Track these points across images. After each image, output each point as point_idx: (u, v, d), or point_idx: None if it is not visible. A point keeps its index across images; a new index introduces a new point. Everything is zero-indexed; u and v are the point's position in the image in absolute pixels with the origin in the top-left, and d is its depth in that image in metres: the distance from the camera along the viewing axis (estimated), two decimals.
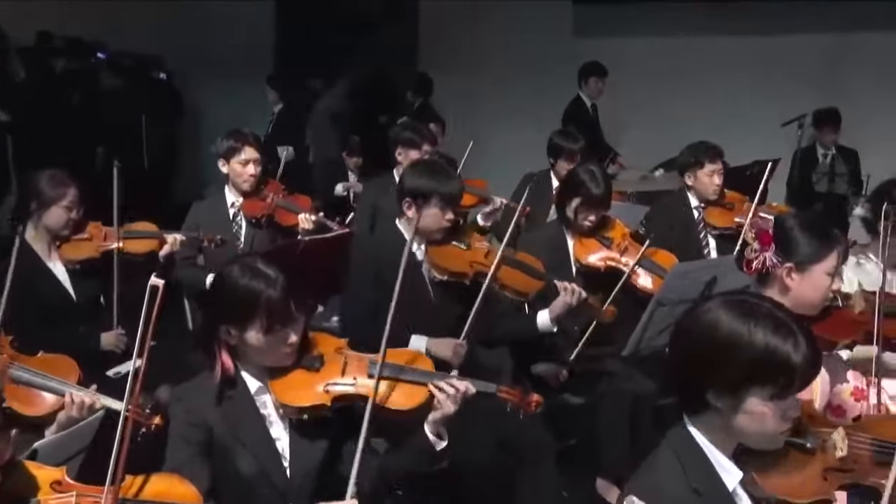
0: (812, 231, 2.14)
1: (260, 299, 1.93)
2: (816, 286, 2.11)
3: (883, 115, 6.70)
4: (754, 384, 1.49)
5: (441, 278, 2.92)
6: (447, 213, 2.88)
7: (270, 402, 2.03)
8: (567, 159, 4.56)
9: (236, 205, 3.75)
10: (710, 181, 4.09)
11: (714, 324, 1.53)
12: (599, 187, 3.33)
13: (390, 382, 2.05)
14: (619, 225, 3.50)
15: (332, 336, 2.14)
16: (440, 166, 3.02)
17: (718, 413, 1.54)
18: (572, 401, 3.28)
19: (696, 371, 1.54)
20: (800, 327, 1.54)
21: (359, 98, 7.52)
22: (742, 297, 1.62)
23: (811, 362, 1.51)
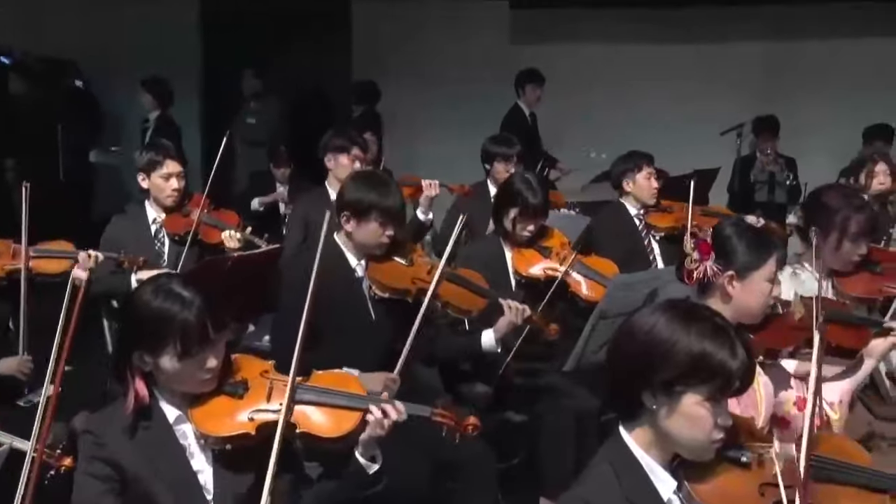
0: (750, 238, 2.20)
1: (173, 322, 1.88)
2: (757, 293, 2.18)
3: (821, 122, 6.97)
4: (690, 384, 1.57)
5: (382, 295, 2.90)
6: (387, 228, 2.87)
7: (191, 432, 1.97)
8: (503, 162, 4.59)
9: (158, 221, 3.67)
10: (648, 184, 4.24)
11: (653, 326, 1.61)
12: (537, 196, 3.36)
13: (318, 408, 2.02)
14: (557, 234, 3.55)
15: (257, 359, 2.10)
16: (381, 179, 3.00)
17: (653, 418, 1.61)
18: (514, 418, 3.29)
19: (634, 372, 1.61)
20: (737, 334, 1.62)
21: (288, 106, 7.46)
22: (681, 302, 1.70)
23: (746, 370, 1.59)
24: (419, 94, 7.48)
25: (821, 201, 2.94)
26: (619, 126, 7.02)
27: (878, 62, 6.98)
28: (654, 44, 7.26)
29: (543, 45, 7.34)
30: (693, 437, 1.60)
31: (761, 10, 7.10)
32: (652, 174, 4.26)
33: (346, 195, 2.91)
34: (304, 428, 1.98)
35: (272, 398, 1.99)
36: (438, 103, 7.50)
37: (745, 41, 7.22)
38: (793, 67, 7.19)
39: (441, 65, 7.50)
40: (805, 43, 7.14)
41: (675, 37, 7.23)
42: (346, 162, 4.24)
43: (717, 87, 7.16)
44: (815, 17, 7.03)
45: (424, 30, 7.57)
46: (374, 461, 2.04)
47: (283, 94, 7.44)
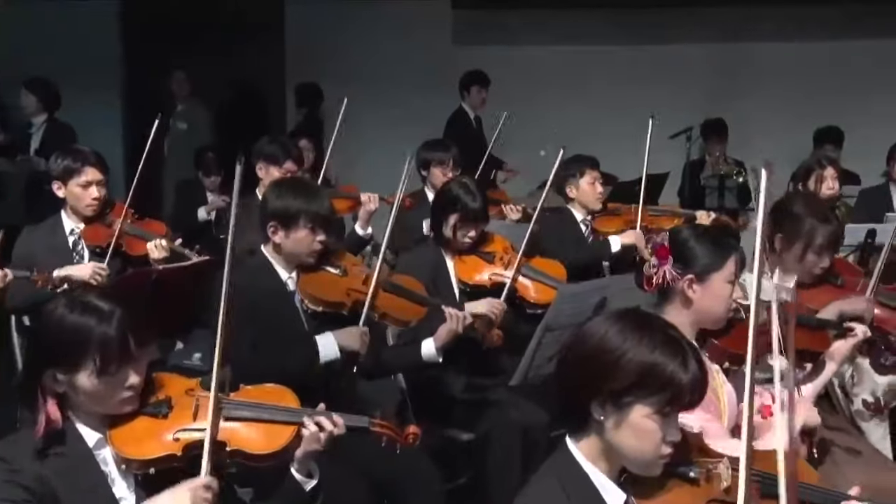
0: (707, 240, 2.26)
1: (91, 337, 1.84)
2: (718, 295, 2.23)
3: (771, 125, 7.17)
4: (640, 396, 1.59)
5: (315, 309, 2.88)
6: (318, 234, 2.85)
7: (111, 457, 1.93)
8: (439, 166, 4.62)
9: (76, 232, 3.59)
10: (593, 189, 4.31)
11: (603, 335, 1.64)
12: (476, 201, 3.39)
13: (249, 423, 2.00)
14: (498, 238, 3.58)
15: (180, 377, 2.06)
16: (305, 183, 3.01)
17: (601, 429, 1.63)
18: (460, 436, 3.30)
19: (583, 381, 1.64)
20: (690, 347, 1.65)
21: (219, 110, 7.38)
22: (633, 312, 1.73)
23: (697, 384, 1.62)
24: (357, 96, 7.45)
25: (787, 209, 3.00)
26: (566, 129, 7.08)
27: (829, 64, 7.21)
28: (602, 45, 7.38)
29: (487, 46, 7.40)
30: (640, 451, 1.63)
31: (710, 11, 7.27)
32: (596, 178, 4.32)
33: (270, 205, 2.87)
34: (235, 445, 1.96)
35: (199, 417, 1.96)
36: (378, 106, 7.50)
37: (693, 43, 7.39)
38: (742, 69, 7.38)
39: (380, 66, 7.50)
40: (755, 45, 7.34)
41: (623, 38, 7.36)
42: (277, 174, 4.19)
43: (665, 89, 7.30)
44: (764, 18, 7.23)
45: (362, 30, 7.57)
46: (310, 477, 2.03)
47: (213, 98, 7.35)
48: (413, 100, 7.35)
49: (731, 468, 1.71)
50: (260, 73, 7.76)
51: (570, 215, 4.37)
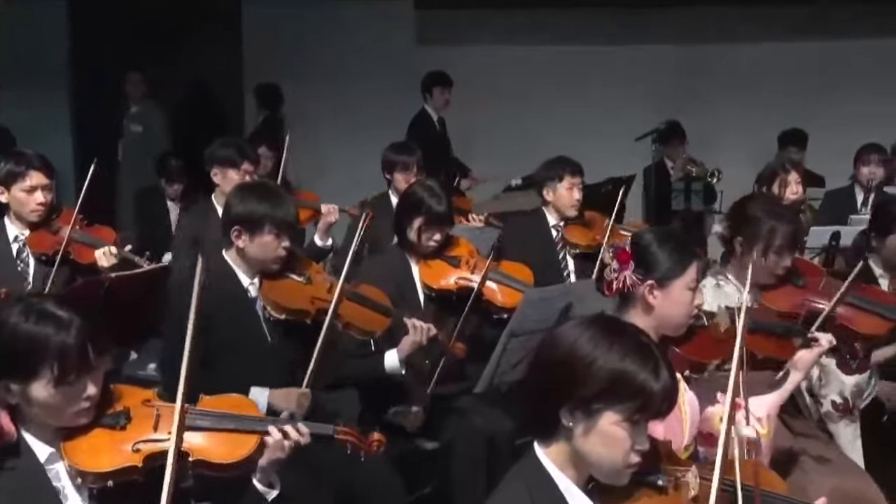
0: (669, 245, 2.28)
1: (48, 346, 1.82)
2: (679, 302, 2.25)
3: (736, 127, 7.29)
4: (610, 403, 1.62)
5: (278, 317, 2.88)
6: (283, 240, 2.86)
7: (64, 472, 1.91)
8: (402, 171, 4.63)
9: (21, 239, 3.54)
10: (570, 196, 4.31)
11: (574, 341, 1.66)
12: (441, 204, 3.41)
13: (212, 433, 2.00)
14: (463, 242, 3.60)
15: (137, 388, 2.06)
16: (271, 188, 3.00)
17: (570, 436, 1.65)
18: (424, 445, 3.31)
19: (552, 388, 1.65)
20: (661, 354, 1.68)
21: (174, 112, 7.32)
22: (604, 318, 1.76)
23: (668, 392, 1.64)
24: (318, 98, 7.46)
25: (746, 211, 3.06)
26: (531, 131, 7.17)
27: (794, 65, 7.35)
28: (567, 46, 7.45)
29: (451, 46, 7.43)
30: (609, 459, 1.65)
31: (675, 11, 7.38)
32: (575, 185, 4.31)
33: (234, 209, 2.88)
34: (199, 455, 1.96)
35: (160, 427, 1.96)
36: (339, 108, 7.50)
37: (659, 44, 7.48)
38: (707, 71, 7.49)
39: (342, 66, 7.50)
40: (720, 46, 7.45)
41: (588, 39, 7.44)
42: (235, 177, 4.16)
43: (631, 91, 7.39)
44: (730, 19, 7.35)
45: (322, 29, 7.56)
46: (271, 487, 2.04)
47: (167, 100, 7.29)
48: (375, 101, 7.35)
49: (700, 477, 1.74)
50: (216, 73, 7.70)
51: (543, 218, 4.38)
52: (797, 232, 3.06)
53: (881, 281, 3.58)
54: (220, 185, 4.23)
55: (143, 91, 6.98)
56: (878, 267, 3.62)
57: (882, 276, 3.60)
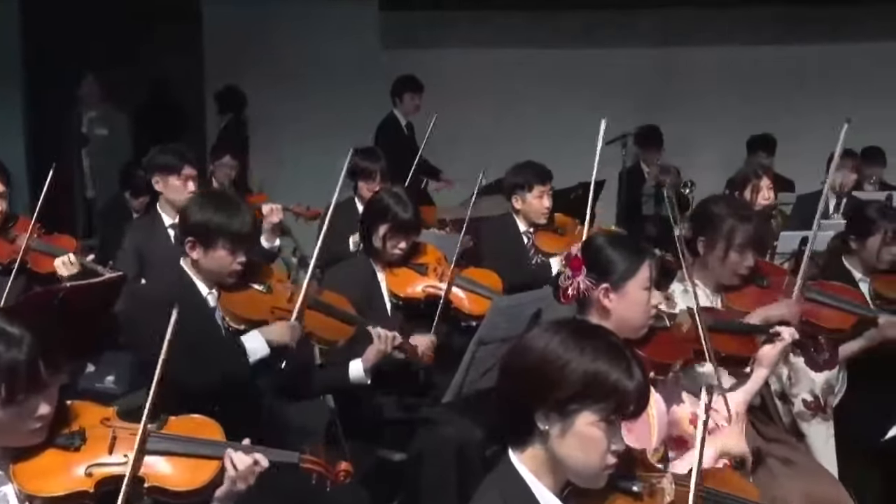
0: (620, 247, 2.32)
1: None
2: (635, 303, 2.29)
3: (708, 131, 7.37)
4: (585, 404, 1.65)
5: (237, 328, 2.85)
6: (238, 255, 2.81)
7: (13, 495, 1.88)
8: (366, 179, 4.61)
9: None
10: (540, 204, 4.32)
11: (545, 346, 1.69)
12: (407, 211, 3.41)
13: (170, 458, 1.97)
14: (431, 249, 3.61)
15: (95, 405, 2.02)
16: (228, 199, 2.94)
17: (545, 441, 1.68)
18: (392, 457, 3.31)
19: (526, 392, 1.68)
20: (632, 354, 1.72)
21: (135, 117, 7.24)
22: (573, 322, 1.81)
23: (642, 390, 1.69)
24: (281, 102, 7.44)
25: (707, 211, 3.12)
26: (501, 135, 7.20)
27: (764, 69, 7.46)
28: (536, 48, 7.49)
29: (417, 49, 7.45)
30: (586, 460, 1.68)
31: (647, 14, 7.45)
32: (545, 193, 4.32)
33: (189, 219, 2.83)
34: (154, 482, 1.93)
35: (115, 449, 1.93)
36: (304, 111, 7.47)
37: (630, 47, 7.55)
38: (679, 74, 7.57)
39: (305, 70, 7.48)
40: (691, 49, 7.54)
41: (557, 41, 7.49)
42: (177, 183, 4.06)
43: (601, 94, 7.44)
44: (701, 23, 7.43)
45: (286, 31, 7.54)
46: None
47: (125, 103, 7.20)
48: (340, 104, 7.34)
49: (675, 483, 1.76)
50: (176, 76, 7.63)
51: (513, 225, 4.38)
52: (762, 233, 3.11)
53: (861, 284, 3.63)
54: (163, 192, 4.14)
55: (99, 94, 6.88)
56: (857, 270, 3.67)
57: (861, 279, 3.65)
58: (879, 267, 3.61)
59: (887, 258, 3.59)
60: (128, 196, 5.60)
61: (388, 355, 3.07)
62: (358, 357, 3.09)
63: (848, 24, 7.27)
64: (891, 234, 3.57)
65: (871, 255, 3.60)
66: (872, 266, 3.63)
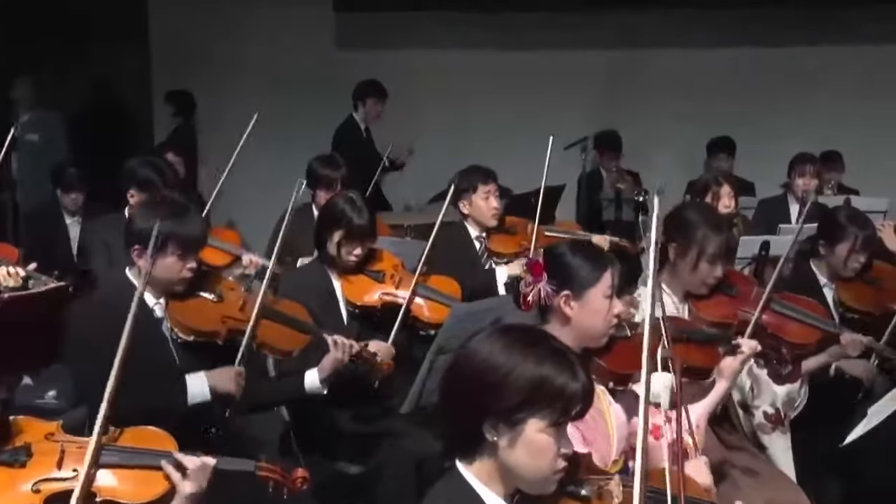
0: (582, 255, 2.34)
1: None
2: (596, 311, 2.31)
3: (666, 134, 7.47)
4: (532, 411, 1.67)
5: (186, 339, 2.83)
6: (188, 261, 2.80)
7: None
8: (325, 188, 4.60)
9: None
10: (487, 204, 4.32)
11: (488, 354, 1.70)
12: (363, 216, 3.41)
13: (122, 470, 1.96)
14: (387, 255, 3.62)
15: (39, 420, 2.00)
16: (179, 205, 2.92)
17: (495, 450, 1.69)
18: (349, 470, 3.30)
19: (473, 403, 1.69)
20: (576, 357, 1.74)
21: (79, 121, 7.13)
22: (515, 327, 1.82)
23: (587, 392, 1.71)
24: (233, 105, 7.37)
25: (681, 218, 3.16)
26: (458, 139, 7.22)
27: (724, 72, 7.56)
28: (493, 50, 7.52)
29: (373, 50, 7.44)
30: (536, 468, 1.69)
31: (605, 17, 7.52)
32: (491, 192, 4.33)
33: (137, 224, 2.81)
34: (107, 495, 1.92)
35: (64, 464, 1.91)
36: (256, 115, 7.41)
37: (588, 49, 7.62)
38: (637, 77, 7.65)
39: (258, 72, 7.44)
40: (650, 52, 7.63)
41: (515, 44, 7.53)
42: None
43: (560, 97, 7.50)
44: (660, 25, 7.53)
45: (237, 33, 7.48)
46: None
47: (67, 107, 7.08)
48: (295, 108, 7.31)
49: (623, 485, 1.79)
50: (123, 78, 7.54)
51: (464, 231, 4.40)
52: (729, 242, 3.16)
53: (825, 290, 3.70)
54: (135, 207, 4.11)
55: (33, 97, 6.74)
56: (823, 276, 3.74)
57: (826, 285, 3.73)
58: (845, 274, 3.68)
59: (853, 266, 3.66)
60: (59, 193, 5.44)
61: (345, 364, 3.06)
62: (314, 367, 3.08)
63: (805, 27, 7.42)
64: (860, 241, 3.63)
65: (839, 261, 3.66)
66: (838, 273, 3.70)
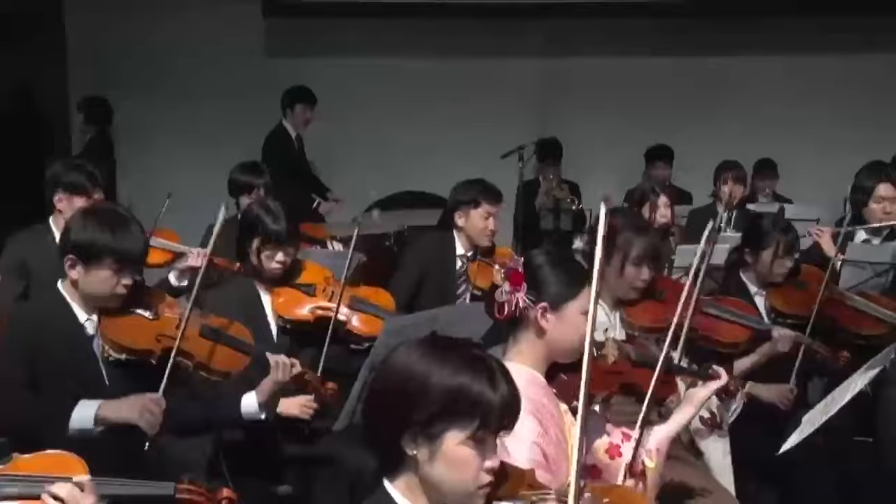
0: (563, 267, 2.35)
1: None
2: (573, 326, 2.30)
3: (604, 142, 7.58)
4: (449, 424, 1.67)
5: (118, 357, 2.77)
6: (123, 276, 2.73)
7: None
8: (248, 195, 4.58)
9: None
10: (485, 225, 4.27)
11: (404, 365, 1.71)
12: (278, 222, 3.41)
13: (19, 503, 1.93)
14: (317, 268, 3.62)
15: None
16: (118, 215, 2.83)
17: (416, 465, 1.69)
18: (281, 491, 3.29)
19: (390, 418, 1.69)
20: (497, 365, 1.74)
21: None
22: (436, 337, 1.81)
23: (508, 403, 1.71)
24: (155, 112, 7.29)
25: None
26: (390, 148, 7.23)
27: (662, 80, 7.72)
28: (428, 58, 7.56)
29: (304, 57, 7.43)
30: (458, 482, 1.69)
31: (541, 23, 7.61)
32: (492, 214, 4.26)
33: (72, 235, 2.75)
34: None
35: None
36: (179, 123, 7.34)
37: (524, 56, 7.70)
38: (575, 84, 7.75)
39: (183, 78, 7.36)
40: (587, 60, 7.74)
41: (450, 50, 7.57)
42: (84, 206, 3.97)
43: (497, 104, 7.56)
44: (597, 32, 7.64)
45: (160, 37, 7.38)
46: None
47: None
48: (221, 116, 7.25)
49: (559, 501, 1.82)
50: (38, 85, 7.38)
51: (451, 243, 4.32)
52: (657, 246, 3.25)
53: (757, 299, 3.81)
54: (64, 212, 4.02)
55: None
56: (753, 284, 3.84)
57: (757, 293, 3.83)
58: (773, 280, 3.80)
59: (779, 271, 3.78)
60: None
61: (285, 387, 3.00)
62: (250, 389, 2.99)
63: (740, 36, 7.62)
64: (783, 246, 3.76)
65: (766, 267, 3.78)
66: (767, 279, 3.81)
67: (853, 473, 3.64)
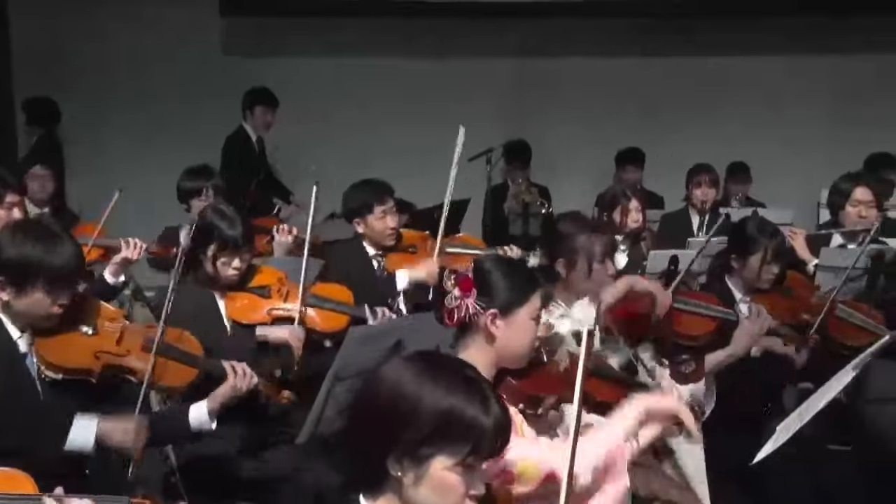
0: (512, 273, 2.37)
1: None
2: (522, 331, 2.33)
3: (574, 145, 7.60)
4: (439, 448, 1.64)
5: (55, 377, 2.69)
6: (59, 296, 2.64)
7: None
8: (198, 199, 4.54)
9: None
10: (383, 223, 4.30)
11: (396, 382, 1.68)
12: (234, 227, 3.40)
13: None
14: (269, 270, 3.62)
15: None
16: (48, 231, 2.73)
17: (399, 487, 1.67)
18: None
19: (376, 436, 1.66)
20: (490, 389, 1.72)
21: None
22: (429, 354, 1.80)
23: (501, 428, 1.68)
24: (108, 113, 7.19)
25: (558, 233, 3.26)
26: (356, 150, 7.19)
27: (633, 82, 7.75)
28: (392, 57, 7.53)
29: (262, 57, 7.39)
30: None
31: (513, 23, 7.61)
32: (388, 212, 4.31)
33: (3, 253, 2.63)
34: None
35: None
36: (132, 125, 7.25)
37: (494, 57, 7.69)
38: (544, 86, 7.76)
39: (137, 78, 7.27)
40: (558, 61, 7.75)
41: (415, 50, 7.55)
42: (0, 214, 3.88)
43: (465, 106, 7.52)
44: (567, 34, 7.67)
45: (112, 36, 7.32)
46: None
47: None
48: (177, 119, 7.19)
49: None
50: None
51: (361, 248, 4.38)
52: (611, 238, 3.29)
53: (741, 306, 3.79)
54: None
55: None
56: (739, 290, 3.84)
57: (742, 300, 3.83)
58: (760, 286, 3.80)
59: (767, 277, 3.78)
60: None
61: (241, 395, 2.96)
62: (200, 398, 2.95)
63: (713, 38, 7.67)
64: (771, 252, 3.76)
65: (753, 273, 3.78)
66: (754, 285, 3.81)
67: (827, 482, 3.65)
